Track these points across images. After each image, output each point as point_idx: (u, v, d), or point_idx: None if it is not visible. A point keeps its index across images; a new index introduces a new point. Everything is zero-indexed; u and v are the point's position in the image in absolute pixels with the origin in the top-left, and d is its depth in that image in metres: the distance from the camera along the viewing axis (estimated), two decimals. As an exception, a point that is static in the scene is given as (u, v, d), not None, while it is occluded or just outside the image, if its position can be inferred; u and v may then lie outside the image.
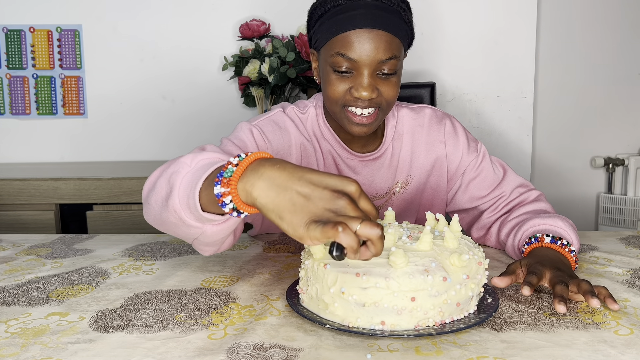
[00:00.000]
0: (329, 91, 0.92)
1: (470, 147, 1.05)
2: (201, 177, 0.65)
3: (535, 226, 0.89)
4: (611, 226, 2.17)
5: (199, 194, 0.64)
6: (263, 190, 0.57)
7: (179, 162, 0.71)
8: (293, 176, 0.56)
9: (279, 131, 0.99)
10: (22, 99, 2.22)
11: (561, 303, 0.66)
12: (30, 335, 0.62)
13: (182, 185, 0.67)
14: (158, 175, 0.75)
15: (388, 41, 0.87)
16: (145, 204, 0.77)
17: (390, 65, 0.89)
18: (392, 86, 0.91)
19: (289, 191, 0.56)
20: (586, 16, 2.12)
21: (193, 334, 0.63)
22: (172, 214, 0.69)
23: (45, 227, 1.86)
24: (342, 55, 0.88)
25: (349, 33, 0.87)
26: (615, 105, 2.17)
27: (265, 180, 0.57)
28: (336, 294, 0.62)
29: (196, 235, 0.71)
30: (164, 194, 0.70)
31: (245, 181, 0.58)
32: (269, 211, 0.56)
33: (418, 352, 0.57)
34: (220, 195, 0.59)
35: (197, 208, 0.64)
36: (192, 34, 2.20)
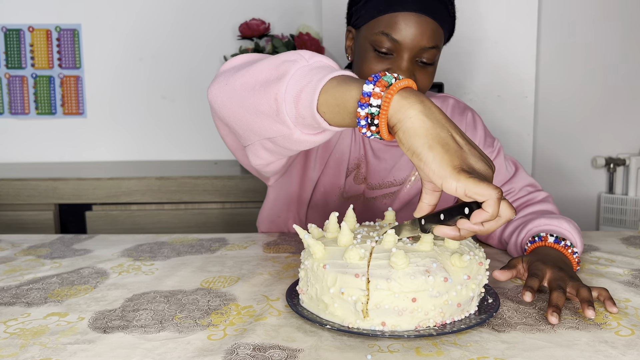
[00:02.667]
0: (365, 69, 0.90)
1: (486, 141, 1.06)
2: (327, 75, 0.59)
3: (540, 226, 0.89)
4: (612, 226, 2.17)
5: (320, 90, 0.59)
6: (420, 114, 0.53)
7: (294, 53, 0.65)
8: (449, 121, 0.54)
9: None
10: (21, 98, 2.22)
11: (554, 314, 0.64)
12: (30, 336, 0.62)
13: (297, 75, 0.61)
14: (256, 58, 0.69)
15: (434, 29, 0.87)
16: (221, 79, 0.71)
17: (431, 55, 0.88)
18: (428, 76, 0.91)
19: (445, 130, 0.53)
20: (587, 16, 2.11)
21: (192, 334, 0.62)
22: (267, 101, 0.63)
23: (44, 227, 1.86)
24: (387, 35, 0.86)
25: (397, 14, 0.86)
26: (617, 105, 2.17)
27: (424, 107, 0.53)
28: (336, 295, 0.62)
29: (275, 134, 0.65)
30: (265, 77, 0.64)
31: (405, 96, 0.54)
32: (418, 136, 0.53)
33: (418, 352, 0.57)
34: (369, 94, 0.54)
35: (312, 104, 0.59)
36: (192, 33, 2.20)
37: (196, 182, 1.86)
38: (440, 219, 0.56)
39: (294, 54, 0.64)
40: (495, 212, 0.51)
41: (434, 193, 0.58)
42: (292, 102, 0.60)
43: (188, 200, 1.87)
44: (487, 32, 2.03)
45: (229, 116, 0.70)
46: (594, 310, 0.66)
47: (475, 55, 2.04)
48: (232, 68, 0.71)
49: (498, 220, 0.53)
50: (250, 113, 0.65)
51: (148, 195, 1.87)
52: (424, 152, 0.52)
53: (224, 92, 0.69)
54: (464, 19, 2.06)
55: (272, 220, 1.17)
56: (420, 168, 0.53)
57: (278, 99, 0.61)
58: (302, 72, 0.61)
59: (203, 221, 1.88)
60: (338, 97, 0.57)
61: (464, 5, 2.05)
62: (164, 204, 1.88)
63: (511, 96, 2.05)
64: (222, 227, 1.88)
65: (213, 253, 0.98)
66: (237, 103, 0.67)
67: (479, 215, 0.52)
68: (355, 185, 1.07)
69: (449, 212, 0.55)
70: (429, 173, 0.53)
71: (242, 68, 0.68)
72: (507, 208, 0.52)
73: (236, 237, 1.10)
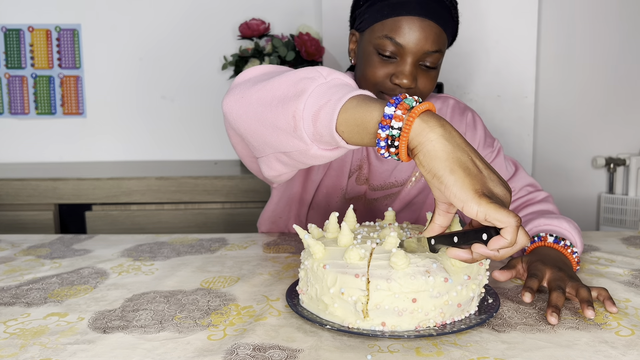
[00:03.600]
0: (368, 73, 0.91)
1: (486, 142, 1.06)
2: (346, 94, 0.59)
3: (540, 226, 0.89)
4: (612, 226, 2.16)
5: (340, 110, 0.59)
6: (441, 137, 0.54)
7: (312, 69, 0.64)
8: (469, 146, 0.55)
9: None
10: (21, 98, 2.22)
11: (553, 314, 0.65)
12: (29, 336, 0.62)
13: (315, 93, 0.61)
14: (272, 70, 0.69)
15: (437, 33, 0.88)
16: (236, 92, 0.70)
17: (434, 58, 0.89)
18: (430, 79, 0.91)
19: (466, 154, 0.54)
20: (587, 16, 2.11)
21: (192, 334, 0.62)
22: (284, 117, 0.62)
23: (44, 227, 1.86)
24: (391, 38, 0.87)
25: (401, 18, 0.86)
26: (617, 105, 2.17)
27: (445, 131, 0.54)
28: (336, 295, 0.62)
29: (292, 149, 0.65)
30: (283, 93, 0.64)
31: (426, 120, 0.54)
32: (440, 159, 0.53)
33: (418, 352, 0.57)
34: (390, 116, 0.55)
35: (331, 124, 0.59)
36: (192, 33, 2.20)
37: (196, 182, 1.86)
38: (453, 242, 0.56)
39: (312, 70, 0.64)
40: (514, 239, 0.52)
41: (447, 215, 0.59)
42: (311, 120, 0.60)
43: (188, 200, 1.87)
44: (487, 32, 2.03)
45: (244, 129, 0.70)
46: (593, 311, 0.66)
47: (475, 55, 2.04)
48: (248, 80, 0.70)
49: (514, 247, 0.54)
50: (267, 127, 0.66)
51: (148, 195, 1.87)
52: (445, 175, 0.53)
53: (239, 104, 0.69)
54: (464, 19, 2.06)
55: (273, 222, 1.18)
56: (441, 190, 0.54)
57: (296, 116, 0.61)
58: (321, 90, 0.61)
59: (203, 221, 1.88)
60: (358, 118, 0.57)
61: (464, 6, 2.05)
62: (164, 204, 1.88)
63: (511, 96, 2.05)
64: (222, 227, 1.88)
65: (213, 253, 0.98)
66: (254, 117, 0.67)
67: (497, 242, 0.52)
68: (357, 186, 1.07)
69: (464, 235, 0.55)
70: (449, 196, 0.53)
71: (259, 82, 0.68)
72: (524, 235, 0.53)
73: (236, 237, 1.10)
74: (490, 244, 0.53)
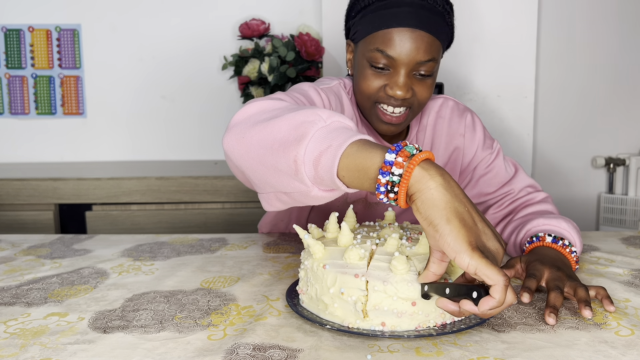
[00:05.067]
0: (362, 85, 0.91)
1: (485, 143, 1.05)
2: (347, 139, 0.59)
3: (539, 226, 0.89)
4: (612, 226, 2.16)
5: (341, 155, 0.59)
6: (441, 186, 0.54)
7: (312, 112, 0.64)
8: (465, 196, 0.56)
9: (338, 104, 0.96)
10: (21, 98, 2.22)
11: (551, 315, 0.65)
12: (30, 336, 0.62)
13: (316, 138, 0.61)
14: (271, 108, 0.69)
15: (429, 43, 0.86)
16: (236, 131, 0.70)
17: (428, 67, 0.88)
18: (426, 88, 0.91)
19: (463, 205, 0.55)
20: (587, 15, 2.11)
21: (192, 334, 0.62)
22: (285, 161, 0.62)
23: (44, 227, 1.86)
24: (381, 51, 0.87)
25: (391, 30, 0.86)
26: (616, 105, 2.17)
27: (444, 180, 0.55)
28: (335, 295, 0.62)
29: (292, 190, 0.65)
30: (283, 137, 0.63)
31: (426, 168, 0.55)
32: (437, 208, 0.54)
33: (418, 352, 0.57)
34: (391, 163, 0.55)
35: (332, 170, 0.59)
36: (192, 33, 2.20)
37: (196, 182, 1.86)
38: (445, 293, 0.56)
39: (312, 113, 0.63)
40: (502, 298, 0.52)
41: (441, 263, 0.59)
42: (312, 165, 0.60)
43: (188, 200, 1.87)
44: (487, 32, 2.03)
45: (246, 167, 0.69)
46: (591, 310, 0.66)
47: (475, 55, 2.04)
48: (248, 119, 0.70)
49: (501, 306, 0.54)
50: (268, 169, 0.65)
51: (148, 195, 1.87)
52: (441, 224, 0.53)
53: (240, 145, 0.69)
54: (464, 19, 2.07)
55: (274, 224, 1.18)
56: (435, 239, 0.54)
57: (297, 161, 0.61)
58: (321, 134, 0.61)
59: (203, 221, 1.88)
60: (359, 164, 0.58)
61: (464, 6, 2.05)
62: (164, 204, 1.88)
63: (511, 96, 2.05)
64: (222, 227, 1.88)
65: (213, 253, 0.98)
66: (255, 159, 0.67)
67: (486, 304, 0.53)
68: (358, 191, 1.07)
69: (455, 289, 0.56)
70: (443, 245, 0.53)
71: (259, 122, 0.68)
72: (512, 294, 0.53)
73: (236, 237, 1.10)
74: (481, 305, 0.53)
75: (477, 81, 2.05)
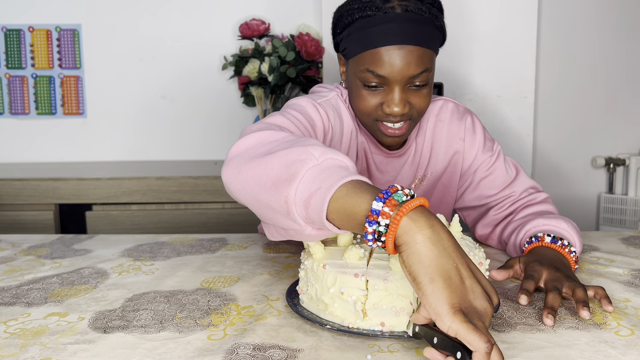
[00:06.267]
0: (359, 105, 0.91)
1: (485, 146, 1.05)
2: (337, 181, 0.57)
3: (538, 226, 0.89)
4: (612, 226, 2.16)
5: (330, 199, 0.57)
6: (427, 240, 0.51)
7: (304, 150, 0.62)
8: (457, 249, 0.53)
9: (337, 116, 0.95)
10: (21, 98, 2.22)
11: (549, 316, 0.65)
12: (30, 336, 0.62)
13: (306, 178, 0.59)
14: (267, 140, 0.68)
15: (419, 55, 0.85)
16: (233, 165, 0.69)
17: (422, 78, 0.87)
18: (423, 97, 0.90)
19: (451, 261, 0.51)
20: (587, 16, 2.11)
21: (193, 334, 0.62)
22: (278, 201, 0.61)
23: (45, 227, 1.86)
24: (372, 72, 0.86)
25: (379, 50, 0.85)
26: (616, 105, 2.17)
27: (433, 233, 0.52)
28: (336, 295, 0.62)
29: (288, 227, 0.63)
30: (276, 175, 0.62)
31: (414, 219, 0.52)
32: (422, 265, 0.51)
33: (418, 352, 0.57)
34: (377, 212, 0.53)
35: (321, 213, 0.57)
36: (192, 33, 2.20)
37: (196, 182, 1.86)
38: (433, 342, 0.54)
39: (305, 151, 0.62)
40: None
41: None
42: (303, 206, 0.59)
43: (188, 200, 1.87)
44: (487, 32, 2.03)
45: (244, 201, 0.69)
46: (589, 311, 0.66)
47: (475, 55, 2.04)
48: (244, 153, 0.69)
49: None
50: (263, 206, 0.65)
51: (148, 195, 1.87)
52: (424, 283, 0.51)
53: (237, 180, 0.68)
54: (463, 19, 2.07)
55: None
56: (419, 295, 0.52)
57: (288, 201, 0.60)
58: (312, 174, 0.60)
59: (203, 221, 1.89)
60: (347, 208, 0.56)
61: (463, 6, 2.05)
62: (164, 204, 1.88)
63: (511, 96, 2.05)
64: (222, 227, 1.88)
65: (213, 253, 0.98)
66: (251, 195, 0.66)
67: None
68: None
69: (442, 342, 0.53)
70: (425, 304, 0.51)
71: (254, 157, 0.67)
72: (497, 356, 0.50)
73: (236, 237, 1.10)
74: None
75: (477, 81, 2.05)
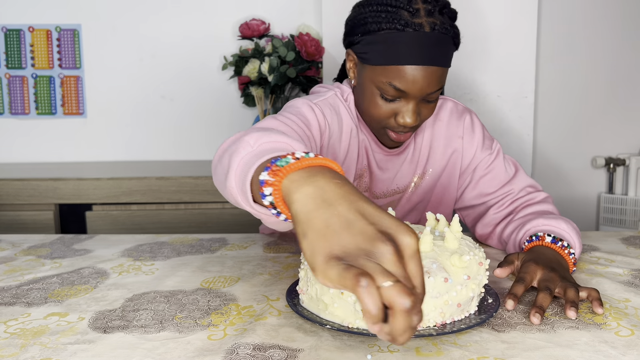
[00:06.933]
0: (372, 111, 0.93)
1: (484, 144, 1.06)
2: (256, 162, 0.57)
3: (538, 226, 0.90)
4: (612, 226, 2.16)
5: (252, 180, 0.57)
6: (304, 197, 0.47)
7: (241, 140, 0.64)
8: (344, 197, 0.46)
9: (335, 115, 0.97)
10: (21, 98, 2.22)
11: (536, 315, 0.65)
12: (30, 336, 0.62)
13: (240, 167, 0.60)
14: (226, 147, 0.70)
15: (440, 75, 0.89)
16: (213, 172, 0.73)
17: (436, 94, 0.91)
18: (431, 109, 0.94)
19: (330, 210, 0.45)
20: (587, 15, 2.11)
21: (193, 334, 0.62)
22: (231, 194, 0.63)
23: (45, 227, 1.86)
24: (394, 86, 0.88)
25: (405, 67, 0.87)
26: (616, 105, 2.17)
27: (313, 188, 0.47)
28: (336, 295, 0.62)
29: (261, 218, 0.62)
30: (225, 170, 0.64)
31: (293, 180, 0.49)
32: (298, 223, 0.46)
33: (418, 352, 0.57)
34: (263, 183, 0.51)
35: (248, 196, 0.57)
36: (192, 33, 2.20)
37: (196, 182, 1.86)
38: None
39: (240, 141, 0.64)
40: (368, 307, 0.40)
41: None
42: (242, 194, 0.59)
43: (188, 200, 1.87)
44: (487, 32, 2.03)
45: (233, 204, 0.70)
46: (576, 312, 0.66)
47: (475, 55, 2.04)
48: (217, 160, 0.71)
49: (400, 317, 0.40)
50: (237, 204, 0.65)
51: (148, 195, 1.87)
52: (300, 241, 0.45)
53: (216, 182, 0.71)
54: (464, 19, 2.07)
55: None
56: None
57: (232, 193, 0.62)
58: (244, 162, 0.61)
59: (203, 221, 1.89)
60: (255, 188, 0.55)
61: (463, 6, 2.05)
62: (164, 204, 1.88)
63: (511, 96, 2.05)
64: (222, 227, 1.88)
65: (213, 253, 0.98)
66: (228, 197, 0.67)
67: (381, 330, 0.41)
68: None
69: None
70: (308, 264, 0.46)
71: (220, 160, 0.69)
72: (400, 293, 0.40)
73: (236, 237, 1.10)
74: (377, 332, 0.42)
75: (477, 81, 2.05)
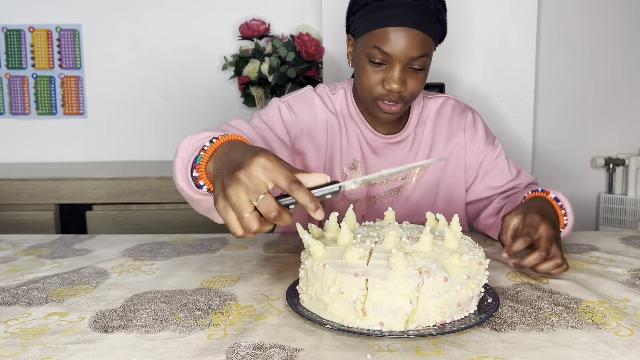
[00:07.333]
0: (363, 79, 0.97)
1: (487, 140, 1.11)
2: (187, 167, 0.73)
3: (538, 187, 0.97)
4: (612, 226, 2.17)
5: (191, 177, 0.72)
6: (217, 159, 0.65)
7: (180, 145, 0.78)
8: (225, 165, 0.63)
9: (305, 106, 1.06)
10: (22, 98, 2.22)
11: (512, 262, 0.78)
12: (30, 336, 0.62)
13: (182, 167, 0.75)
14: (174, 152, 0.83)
15: (422, 40, 0.93)
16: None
17: (421, 62, 0.94)
18: (418, 81, 0.97)
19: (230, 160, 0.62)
20: (586, 16, 2.12)
21: (193, 334, 0.62)
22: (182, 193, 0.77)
23: (45, 227, 1.86)
24: (378, 48, 0.93)
25: (388, 29, 0.92)
26: (616, 105, 2.17)
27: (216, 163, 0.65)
28: (335, 294, 0.62)
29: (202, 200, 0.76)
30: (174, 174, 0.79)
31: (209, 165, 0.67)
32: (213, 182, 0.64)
33: (418, 352, 0.57)
34: (197, 178, 0.69)
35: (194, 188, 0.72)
36: (192, 33, 2.20)
37: (196, 182, 1.86)
38: None
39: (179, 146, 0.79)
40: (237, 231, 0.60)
41: None
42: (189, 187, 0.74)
43: (188, 200, 1.87)
44: (487, 32, 2.03)
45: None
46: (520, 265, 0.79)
47: (475, 55, 2.04)
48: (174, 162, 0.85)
49: None
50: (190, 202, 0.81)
51: (148, 195, 1.87)
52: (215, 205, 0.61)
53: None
54: (464, 19, 2.07)
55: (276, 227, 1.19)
56: None
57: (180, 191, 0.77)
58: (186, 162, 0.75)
59: (203, 221, 1.88)
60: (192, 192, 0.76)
61: (463, 6, 2.05)
62: (164, 204, 1.88)
63: (511, 96, 2.05)
64: (222, 227, 1.87)
65: (213, 253, 0.98)
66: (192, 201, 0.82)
67: None
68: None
69: None
70: None
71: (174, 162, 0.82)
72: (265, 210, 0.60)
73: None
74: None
75: (477, 81, 2.05)
